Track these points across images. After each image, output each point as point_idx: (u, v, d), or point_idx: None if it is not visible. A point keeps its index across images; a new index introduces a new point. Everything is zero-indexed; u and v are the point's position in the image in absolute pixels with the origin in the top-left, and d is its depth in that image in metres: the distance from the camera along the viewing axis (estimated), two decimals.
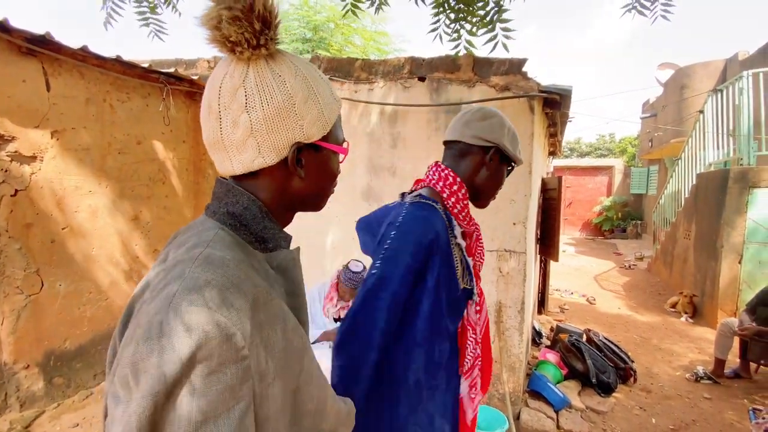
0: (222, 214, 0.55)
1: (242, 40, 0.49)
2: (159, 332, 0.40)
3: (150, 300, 0.45)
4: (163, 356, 0.39)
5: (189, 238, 0.52)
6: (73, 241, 2.66)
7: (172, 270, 0.47)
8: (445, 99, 2.64)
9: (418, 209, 0.95)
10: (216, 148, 0.55)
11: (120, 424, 0.40)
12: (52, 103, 2.49)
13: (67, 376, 2.65)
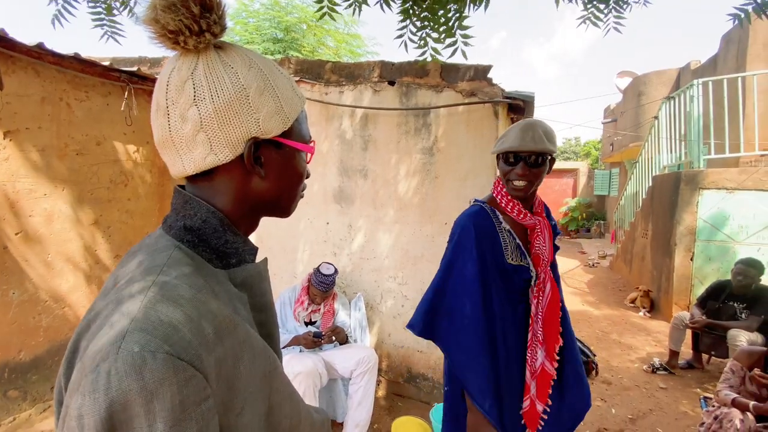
0: (178, 229, 0.51)
1: (182, 27, 0.45)
2: (107, 383, 0.35)
3: (96, 339, 0.39)
4: (111, 410, 0.35)
5: (141, 262, 0.47)
6: (28, 246, 2.53)
7: (122, 303, 0.42)
8: (414, 103, 2.69)
9: (467, 210, 1.34)
10: (166, 148, 0.51)
11: None
12: (5, 102, 2.36)
13: (23, 389, 2.51)
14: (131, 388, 0.35)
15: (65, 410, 0.37)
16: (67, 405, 0.37)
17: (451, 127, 2.61)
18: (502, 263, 1.25)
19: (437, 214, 2.72)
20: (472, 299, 1.20)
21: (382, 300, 3.02)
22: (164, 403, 0.36)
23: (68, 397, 0.38)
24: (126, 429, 0.35)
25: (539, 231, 1.30)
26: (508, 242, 1.28)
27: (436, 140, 2.67)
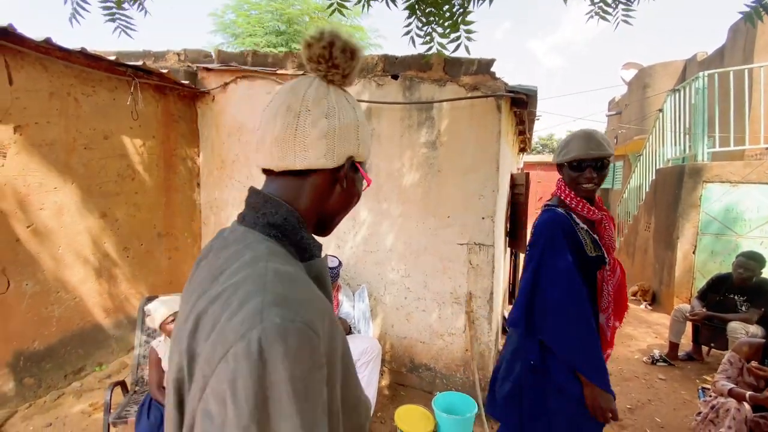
0: (263, 225, 0.59)
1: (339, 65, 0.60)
2: (258, 348, 0.42)
3: (230, 315, 0.45)
4: (264, 370, 0.42)
5: (242, 252, 0.54)
6: (39, 239, 2.59)
7: (245, 285, 0.48)
8: (418, 97, 2.71)
9: (544, 213, 1.51)
10: (284, 143, 0.59)
11: None
12: (15, 98, 2.40)
13: (38, 377, 2.59)
14: (279, 351, 0.42)
15: (204, 379, 0.44)
16: (207, 374, 0.44)
17: (454, 121, 2.63)
18: (584, 256, 1.46)
19: (440, 208, 2.75)
20: (570, 290, 1.38)
21: (386, 292, 3.07)
22: (302, 365, 0.43)
23: (207, 366, 0.45)
24: (273, 387, 0.42)
25: (606, 223, 1.51)
26: (585, 238, 1.48)
27: (439, 134, 2.69)
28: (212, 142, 3.67)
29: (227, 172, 3.62)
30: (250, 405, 0.41)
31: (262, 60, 3.32)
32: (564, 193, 1.51)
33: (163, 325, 1.95)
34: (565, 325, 1.38)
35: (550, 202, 1.56)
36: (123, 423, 2.01)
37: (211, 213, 3.76)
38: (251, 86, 3.42)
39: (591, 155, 1.41)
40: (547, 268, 1.41)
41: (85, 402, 2.61)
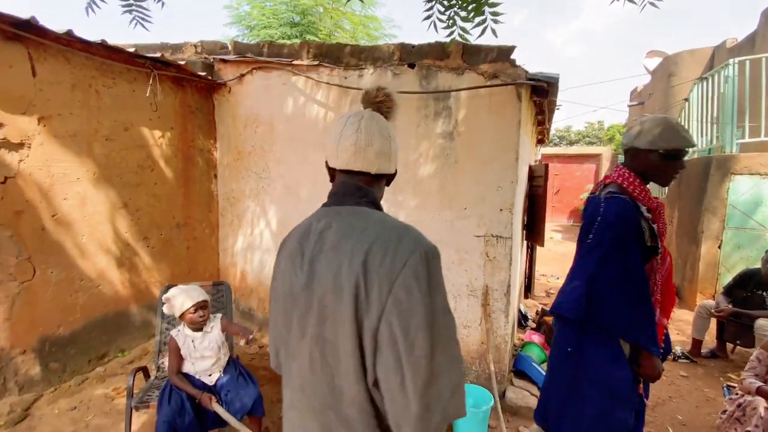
0: (367, 202, 0.83)
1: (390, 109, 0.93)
2: (425, 257, 0.71)
3: (396, 245, 0.72)
4: (430, 268, 0.71)
5: (367, 215, 0.80)
6: (63, 228, 2.65)
7: (393, 230, 0.75)
8: (435, 86, 2.66)
9: (611, 201, 1.47)
10: (381, 156, 0.85)
11: (417, 315, 0.67)
12: (38, 89, 2.46)
13: (63, 362, 2.68)
14: (433, 258, 0.74)
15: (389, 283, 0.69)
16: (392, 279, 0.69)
17: (472, 111, 2.58)
18: (644, 245, 1.49)
19: (456, 199, 2.71)
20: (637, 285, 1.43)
21: None
22: (439, 266, 0.75)
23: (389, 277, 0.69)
24: (433, 277, 0.72)
25: (661, 211, 1.55)
26: (646, 228, 1.50)
27: (456, 124, 2.64)
28: (229, 133, 3.69)
29: (243, 164, 3.65)
30: (425, 286, 0.69)
31: (278, 50, 3.31)
32: (627, 180, 1.51)
33: (184, 314, 1.98)
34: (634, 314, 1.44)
35: (611, 189, 1.52)
36: (145, 407, 2.06)
37: (228, 204, 3.80)
38: (267, 77, 3.42)
39: (690, 145, 1.45)
40: (616, 265, 1.42)
41: (108, 386, 2.69)
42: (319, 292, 0.74)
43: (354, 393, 0.70)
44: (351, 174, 0.85)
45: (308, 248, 0.80)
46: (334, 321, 0.71)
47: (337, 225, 0.78)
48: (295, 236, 0.86)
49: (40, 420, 2.34)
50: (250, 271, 3.73)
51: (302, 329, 0.77)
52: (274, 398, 2.65)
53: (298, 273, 0.79)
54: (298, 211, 3.42)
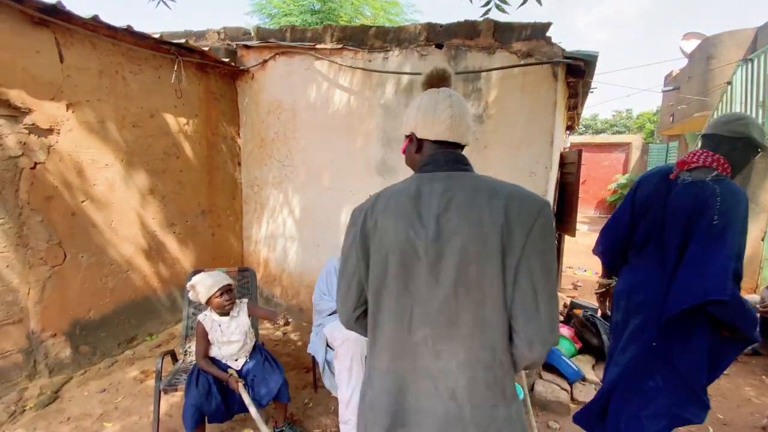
0: (471, 169, 0.94)
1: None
2: (548, 209, 0.86)
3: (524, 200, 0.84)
4: (552, 219, 0.86)
5: (481, 179, 0.90)
6: (93, 213, 2.69)
7: (516, 188, 0.87)
8: (464, 67, 2.54)
9: (729, 184, 1.50)
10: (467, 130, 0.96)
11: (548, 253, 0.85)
12: (66, 75, 2.47)
13: (93, 345, 2.74)
14: (550, 207, 0.87)
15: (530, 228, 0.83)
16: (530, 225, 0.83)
17: (504, 92, 2.45)
18: None
19: None
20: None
21: None
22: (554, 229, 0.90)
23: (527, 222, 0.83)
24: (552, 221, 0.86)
25: None
26: None
27: (486, 107, 2.52)
28: (252, 120, 3.67)
29: (266, 151, 3.62)
30: (550, 232, 0.85)
31: (300, 35, 3.25)
32: (723, 167, 1.55)
33: (211, 299, 1.97)
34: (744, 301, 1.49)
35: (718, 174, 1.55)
36: (173, 390, 2.07)
37: (251, 191, 3.79)
38: (290, 62, 3.36)
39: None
40: (742, 241, 1.48)
41: (137, 369, 2.74)
42: (457, 242, 0.84)
43: (497, 320, 0.85)
44: (444, 144, 0.94)
45: (430, 207, 0.87)
46: (480, 263, 0.83)
47: (461, 185, 0.88)
48: (398, 198, 0.92)
49: (70, 402, 2.39)
50: (273, 259, 3.73)
51: (435, 277, 0.86)
52: (299, 384, 2.64)
53: (420, 229, 0.87)
54: (321, 198, 3.38)
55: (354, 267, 0.97)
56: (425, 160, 0.95)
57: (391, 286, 0.91)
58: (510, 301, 0.84)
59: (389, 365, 0.93)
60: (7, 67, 2.19)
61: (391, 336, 0.92)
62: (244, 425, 2.25)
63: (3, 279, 2.27)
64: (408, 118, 0.98)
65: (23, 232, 2.34)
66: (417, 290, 0.88)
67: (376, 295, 0.94)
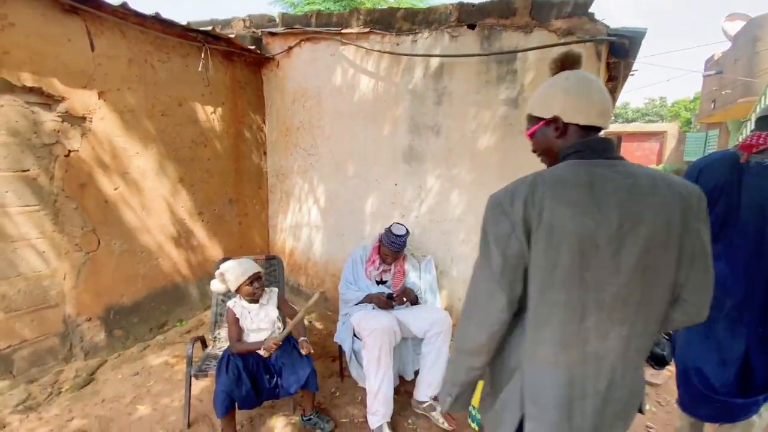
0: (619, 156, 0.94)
1: None
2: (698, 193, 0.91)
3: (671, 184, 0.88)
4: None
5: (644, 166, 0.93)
6: (125, 201, 2.73)
7: (676, 176, 0.92)
8: (498, 47, 2.41)
9: None
10: (610, 116, 0.97)
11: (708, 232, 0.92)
12: (97, 63, 2.49)
13: (126, 329, 2.81)
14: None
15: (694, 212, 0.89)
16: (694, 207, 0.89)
17: (541, 74, 2.32)
18: None
19: (519, 173, 2.45)
20: None
21: (453, 264, 2.91)
22: None
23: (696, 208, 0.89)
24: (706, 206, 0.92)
25: None
26: None
27: (522, 89, 2.39)
28: (277, 108, 3.65)
29: (292, 140, 3.60)
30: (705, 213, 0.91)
31: (326, 20, 3.18)
32: None
33: (241, 287, 1.97)
34: None
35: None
36: (203, 376, 2.09)
37: (277, 181, 3.79)
38: (315, 49, 3.30)
39: None
40: None
41: (168, 354, 2.79)
42: (641, 230, 0.85)
43: (664, 297, 0.92)
44: (593, 130, 0.93)
45: (607, 196, 0.86)
46: (662, 248, 0.87)
47: (634, 173, 0.89)
48: (566, 186, 0.87)
49: (104, 384, 2.46)
50: (298, 248, 3.72)
51: (616, 265, 0.86)
52: (325, 373, 2.62)
53: (599, 218, 0.85)
54: (345, 187, 3.34)
55: (516, 259, 0.89)
56: (576, 146, 0.92)
57: (562, 278, 0.87)
58: (684, 278, 0.91)
59: (556, 358, 0.90)
60: (41, 55, 2.22)
61: (560, 328, 0.89)
62: (273, 412, 2.25)
63: (40, 264, 2.34)
64: (548, 99, 0.96)
65: (59, 219, 2.40)
66: (594, 279, 0.87)
67: (541, 287, 0.89)
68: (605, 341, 0.90)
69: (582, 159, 0.90)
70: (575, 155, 0.91)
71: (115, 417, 2.17)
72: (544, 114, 0.97)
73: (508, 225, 0.89)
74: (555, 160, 0.97)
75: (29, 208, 2.27)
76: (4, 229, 2.18)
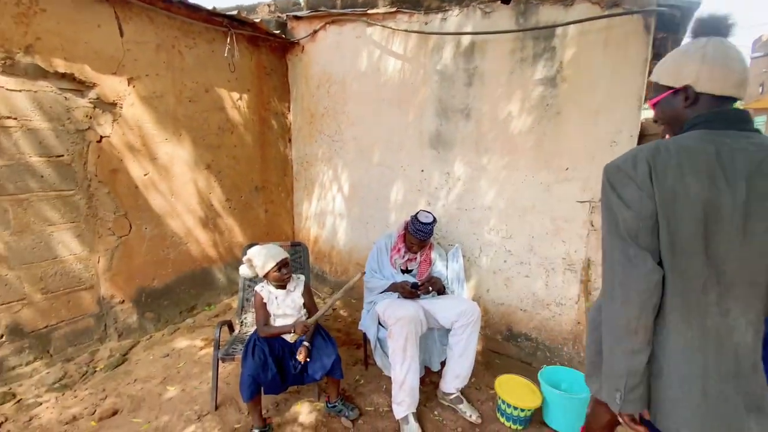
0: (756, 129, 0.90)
1: None
2: None
3: None
4: None
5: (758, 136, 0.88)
6: (154, 187, 2.77)
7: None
8: (535, 22, 2.26)
9: None
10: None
11: None
12: (126, 49, 2.50)
13: (157, 312, 2.87)
14: None
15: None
16: None
17: (583, 50, 2.16)
18: None
19: (556, 159, 2.35)
20: None
21: (482, 253, 2.81)
22: None
23: None
24: None
25: None
26: None
27: (560, 67, 2.24)
28: (302, 95, 3.60)
29: (316, 127, 3.55)
30: None
31: (351, 1, 3.09)
32: None
33: (269, 273, 1.95)
34: None
35: None
36: (230, 359, 2.10)
37: (301, 168, 3.77)
38: (340, 32, 3.23)
39: None
40: None
41: (197, 337, 2.84)
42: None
43: None
44: (727, 100, 0.90)
45: (735, 167, 0.84)
46: None
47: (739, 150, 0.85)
48: (692, 156, 0.86)
49: (137, 365, 2.52)
50: (323, 236, 3.71)
51: (741, 239, 0.85)
52: (350, 361, 2.60)
53: (726, 190, 0.83)
54: (370, 175, 3.27)
55: (651, 221, 0.88)
56: (706, 116, 0.90)
57: (685, 246, 0.87)
58: None
59: (678, 326, 0.90)
60: (72, 41, 2.25)
61: (683, 295, 0.89)
62: (298, 397, 2.25)
63: (76, 247, 2.40)
64: (680, 67, 0.92)
65: (92, 204, 2.45)
66: (717, 251, 0.86)
67: (666, 252, 0.89)
68: (725, 318, 0.88)
69: (710, 129, 0.88)
70: (704, 125, 0.89)
71: (146, 397, 2.22)
72: (673, 83, 0.94)
73: (635, 187, 0.88)
74: (680, 129, 0.95)
75: (64, 192, 2.33)
76: (41, 212, 2.25)
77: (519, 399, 2.03)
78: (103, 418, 2.05)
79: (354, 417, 2.08)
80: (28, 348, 2.27)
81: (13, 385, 2.19)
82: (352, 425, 2.05)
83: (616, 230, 0.90)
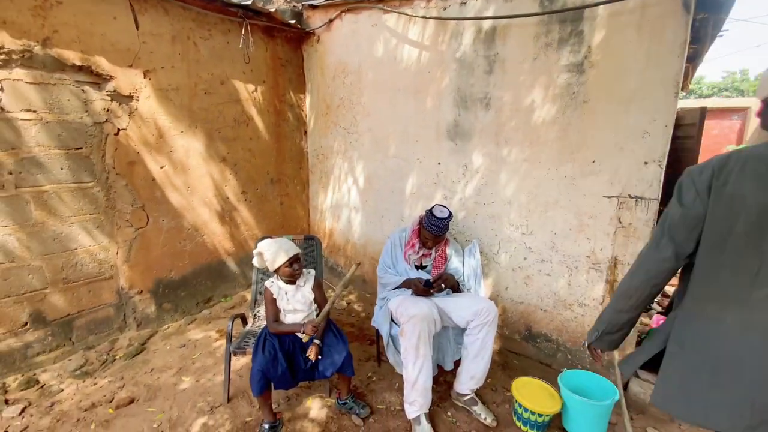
0: None
1: None
2: None
3: None
4: None
5: None
6: (171, 179, 2.79)
7: None
8: (562, 4, 2.12)
9: None
10: None
11: None
12: (142, 42, 2.50)
13: (174, 303, 2.91)
14: None
15: None
16: None
17: (613, 33, 2.00)
18: None
19: (582, 150, 2.21)
20: None
21: (500, 250, 2.70)
22: None
23: None
24: None
25: None
26: None
27: (588, 53, 2.09)
28: (317, 86, 3.55)
29: (332, 119, 3.50)
30: None
31: None
32: None
33: (279, 268, 1.92)
34: None
35: None
36: (242, 353, 2.09)
37: (317, 161, 3.73)
38: (356, 20, 3.14)
39: None
40: None
41: (213, 328, 2.87)
42: None
43: None
44: None
45: None
46: None
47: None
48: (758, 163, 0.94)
49: (154, 354, 2.56)
50: (337, 229, 3.67)
51: None
52: (362, 357, 2.57)
53: None
54: (385, 167, 3.20)
55: (694, 221, 1.02)
56: None
57: (738, 243, 0.97)
58: None
59: (717, 314, 1.02)
60: (88, 34, 2.26)
61: (726, 288, 1.00)
62: (309, 393, 2.23)
63: (95, 238, 2.44)
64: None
65: (110, 196, 2.48)
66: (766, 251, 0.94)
67: (714, 248, 1.01)
68: None
69: None
70: None
71: (162, 387, 2.25)
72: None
73: (694, 191, 1.02)
74: None
75: (83, 184, 2.37)
76: (61, 204, 2.29)
77: (537, 403, 1.94)
78: (120, 406, 2.09)
79: (365, 415, 2.04)
80: (51, 336, 2.33)
81: (38, 370, 2.27)
82: (363, 423, 2.02)
83: (663, 222, 1.08)
